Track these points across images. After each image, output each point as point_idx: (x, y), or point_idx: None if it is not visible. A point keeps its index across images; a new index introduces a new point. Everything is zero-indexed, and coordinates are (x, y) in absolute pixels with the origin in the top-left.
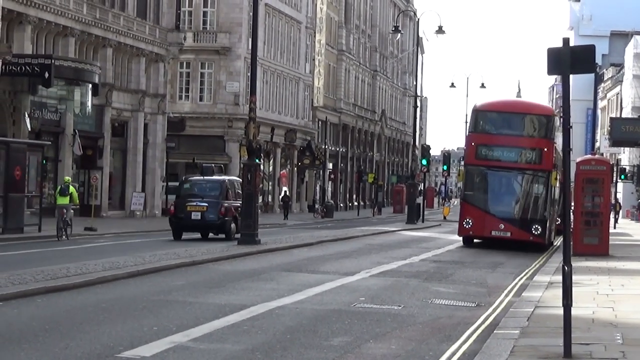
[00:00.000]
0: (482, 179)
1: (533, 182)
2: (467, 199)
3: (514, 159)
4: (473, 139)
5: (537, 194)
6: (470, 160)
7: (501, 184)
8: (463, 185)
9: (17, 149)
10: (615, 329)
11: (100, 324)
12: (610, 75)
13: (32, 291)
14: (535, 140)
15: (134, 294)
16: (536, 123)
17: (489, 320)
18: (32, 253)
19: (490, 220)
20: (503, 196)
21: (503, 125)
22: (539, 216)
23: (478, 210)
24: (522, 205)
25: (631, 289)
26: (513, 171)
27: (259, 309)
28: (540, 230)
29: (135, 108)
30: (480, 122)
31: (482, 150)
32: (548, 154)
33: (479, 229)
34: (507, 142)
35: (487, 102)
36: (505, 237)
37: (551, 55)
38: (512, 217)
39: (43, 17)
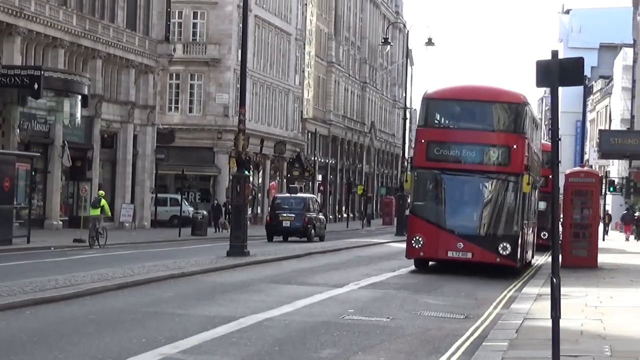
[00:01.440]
0: (435, 185)
1: (500, 188)
2: (417, 211)
3: (475, 159)
4: (423, 135)
5: (505, 203)
6: (419, 162)
7: (459, 192)
8: (411, 193)
9: (6, 161)
10: (603, 341)
11: (89, 335)
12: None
13: (20, 303)
14: (503, 135)
15: (122, 305)
16: (503, 113)
17: (477, 332)
18: (21, 265)
19: (445, 237)
20: (462, 207)
21: (461, 116)
22: (509, 231)
23: (430, 225)
24: (487, 218)
25: (620, 301)
26: (474, 175)
27: (247, 320)
28: (510, 249)
29: (125, 119)
30: (431, 113)
31: (435, 148)
32: (518, 153)
33: (432, 249)
34: (467, 138)
35: (441, 88)
36: (465, 258)
37: (540, 68)
38: (473, 233)
39: (32, 28)
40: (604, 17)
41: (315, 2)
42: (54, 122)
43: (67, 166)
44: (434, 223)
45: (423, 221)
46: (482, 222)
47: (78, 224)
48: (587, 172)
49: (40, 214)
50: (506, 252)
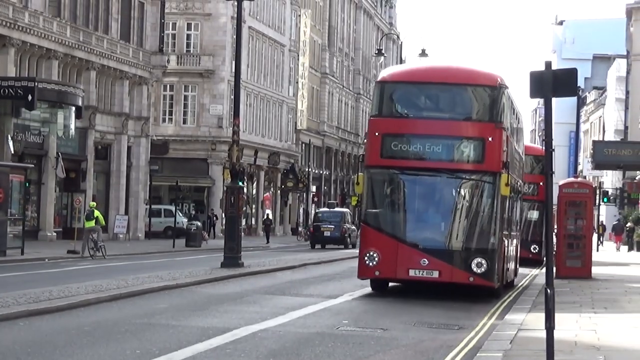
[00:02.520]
0: (393, 188)
1: (473, 190)
2: (370, 220)
3: (441, 155)
4: (377, 126)
5: (480, 209)
6: (373, 160)
7: (423, 196)
8: (364, 199)
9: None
10: (597, 352)
11: (83, 347)
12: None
13: (14, 314)
14: (475, 125)
15: (117, 317)
16: (475, 99)
17: (472, 343)
18: (15, 276)
19: (406, 253)
20: (426, 215)
21: (424, 103)
22: (484, 244)
23: (387, 237)
24: (457, 229)
25: (614, 311)
26: (441, 175)
27: (242, 332)
28: (486, 266)
29: (119, 131)
30: (387, 99)
31: (392, 143)
32: (494, 147)
33: (389, 268)
34: (431, 130)
35: (399, 68)
36: (430, 278)
37: (534, 79)
38: (441, 247)
39: (26, 39)
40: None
41: (308, 14)
42: (47, 134)
43: (61, 177)
44: (392, 235)
45: (378, 233)
46: (452, 233)
47: (72, 236)
48: (580, 182)
49: (34, 225)
50: (481, 270)
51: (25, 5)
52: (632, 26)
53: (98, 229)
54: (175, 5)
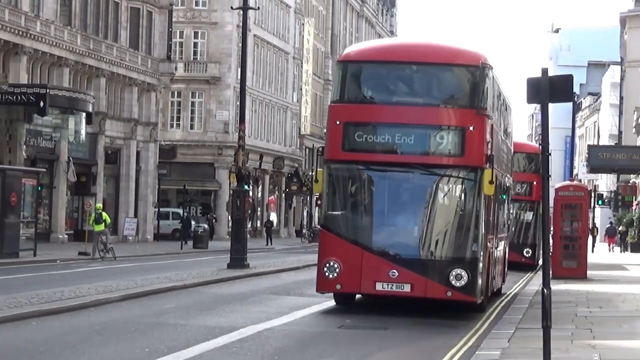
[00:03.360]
0: (357, 187)
1: (451, 189)
2: (331, 224)
3: (414, 147)
4: (338, 113)
5: (459, 211)
6: (334, 153)
7: (392, 196)
8: (323, 199)
9: (13, 176)
10: (593, 350)
11: (94, 346)
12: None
13: (27, 314)
14: (454, 112)
15: (126, 316)
16: (454, 81)
17: (471, 341)
18: (27, 277)
19: (373, 263)
20: (396, 218)
21: (393, 86)
22: (465, 252)
23: (350, 245)
24: (433, 234)
25: (609, 310)
26: (413, 171)
27: (247, 331)
28: (466, 277)
29: (128, 136)
30: (351, 82)
31: (356, 133)
32: (477, 137)
33: (353, 280)
34: (402, 117)
35: (365, 46)
36: (401, 293)
37: (531, 85)
38: (413, 256)
39: (38, 47)
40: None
41: (312, 22)
42: (59, 139)
43: (72, 181)
44: (356, 242)
45: (340, 239)
46: (426, 239)
47: (83, 238)
48: (576, 186)
49: (46, 227)
50: (461, 283)
51: (37, 14)
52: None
53: (107, 232)
54: (183, 14)
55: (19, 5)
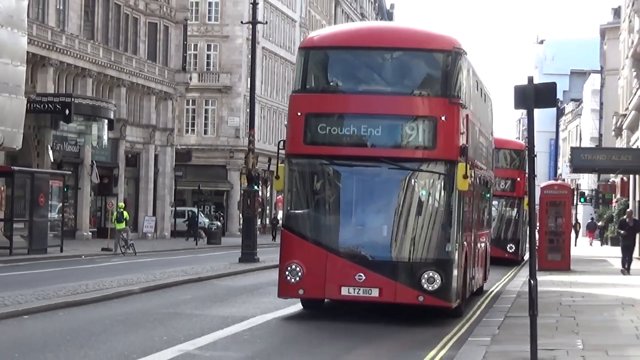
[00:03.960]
0: (321, 183)
1: (423, 185)
2: (293, 224)
3: (382, 140)
4: (300, 104)
5: (431, 208)
6: (295, 147)
7: (359, 193)
8: (285, 197)
9: (40, 178)
10: (576, 336)
11: (116, 334)
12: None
13: (54, 305)
14: (425, 101)
15: (146, 307)
16: (425, 67)
17: (463, 328)
18: (55, 271)
19: (338, 266)
20: (363, 217)
21: (359, 73)
22: (438, 253)
23: (314, 246)
24: (403, 234)
25: (590, 299)
26: (381, 165)
27: (258, 320)
28: (439, 280)
29: (147, 141)
30: (313, 70)
31: (319, 125)
32: (450, 128)
33: (317, 285)
34: (369, 107)
35: (328, 31)
36: (369, 298)
37: (517, 92)
38: (381, 257)
39: (64, 60)
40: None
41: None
42: (83, 144)
43: (96, 183)
44: (319, 243)
45: (302, 240)
46: (395, 239)
47: (106, 235)
48: (560, 185)
49: (71, 225)
50: (434, 286)
51: (62, 29)
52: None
53: (128, 230)
54: (197, 28)
55: (46, 21)
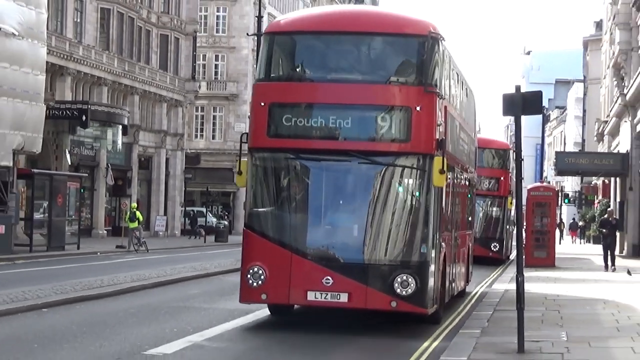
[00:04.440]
0: (286, 179)
1: (396, 181)
2: (255, 223)
3: (352, 132)
4: (263, 93)
5: (406, 207)
6: (258, 140)
7: (327, 190)
8: (247, 194)
9: (59, 180)
10: (560, 329)
11: (129, 326)
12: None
13: (72, 299)
14: (398, 90)
15: (157, 301)
16: (397, 53)
17: (455, 321)
18: (72, 267)
19: (303, 268)
20: (331, 216)
21: (327, 60)
22: (412, 254)
23: (277, 247)
24: (374, 234)
25: (574, 294)
26: (351, 160)
27: (262, 313)
28: (414, 284)
29: (158, 145)
30: (279, 57)
31: (284, 116)
32: (424, 119)
33: (281, 289)
34: (337, 97)
35: (294, 15)
36: (336, 303)
37: (506, 100)
38: (351, 259)
39: (81, 69)
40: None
41: None
42: (99, 148)
43: (110, 185)
44: (284, 244)
45: (266, 240)
46: (366, 240)
47: (120, 233)
48: (545, 187)
49: (88, 224)
50: (408, 291)
51: (79, 40)
52: (588, 55)
53: (140, 228)
54: (205, 40)
55: (64, 33)
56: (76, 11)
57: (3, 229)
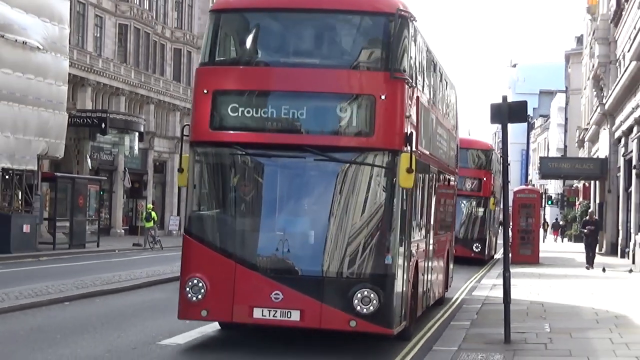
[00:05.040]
0: (231, 178)
1: (357, 181)
2: (196, 228)
3: (307, 125)
4: (207, 80)
5: (366, 213)
6: (200, 132)
7: (277, 192)
8: (188, 194)
9: (80, 183)
10: (544, 321)
11: (146, 318)
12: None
13: (91, 293)
14: (359, 76)
15: (171, 295)
16: (360, 34)
17: (447, 314)
18: (92, 264)
19: (249, 281)
20: (282, 221)
21: (280, 42)
22: (374, 266)
23: (220, 256)
24: (331, 242)
25: (556, 289)
26: (306, 156)
27: None
28: (376, 301)
29: (172, 151)
30: (224, 38)
31: (230, 106)
32: (389, 109)
33: (224, 305)
34: (291, 84)
35: None
36: (287, 322)
37: (493, 109)
38: (303, 272)
39: (100, 80)
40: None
41: None
42: (117, 153)
43: (128, 187)
44: (227, 253)
45: (207, 249)
46: (322, 250)
47: (136, 232)
48: (530, 189)
49: (107, 224)
50: (369, 309)
51: (99, 54)
52: (569, 68)
53: (155, 228)
54: None
55: (85, 47)
56: (96, 27)
57: (28, 228)
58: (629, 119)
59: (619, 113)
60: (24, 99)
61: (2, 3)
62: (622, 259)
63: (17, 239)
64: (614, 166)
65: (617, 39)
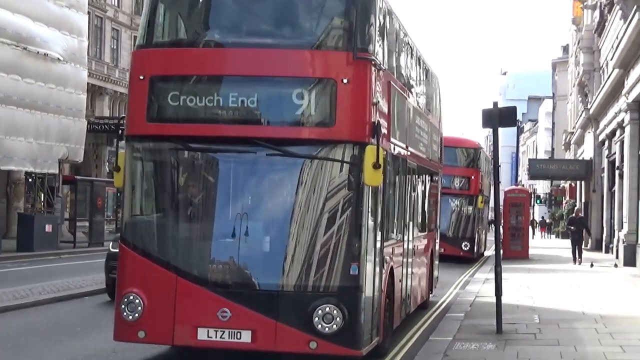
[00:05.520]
0: (173, 178)
1: (315, 182)
2: (132, 236)
3: (258, 115)
4: (144, 64)
5: (328, 217)
6: (136, 125)
7: (225, 192)
8: (124, 198)
9: (98, 186)
10: (533, 312)
11: None
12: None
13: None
14: (318, 56)
15: None
16: (319, 10)
17: (442, 306)
18: None
19: (193, 297)
20: (230, 226)
21: (227, 20)
22: (336, 278)
23: (159, 268)
24: (287, 251)
25: (545, 282)
26: (257, 151)
27: None
28: (339, 318)
29: None
30: (165, 17)
31: (170, 94)
32: (352, 96)
33: (163, 325)
34: (240, 67)
35: None
36: (237, 345)
37: (485, 114)
38: (255, 286)
39: (117, 89)
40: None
41: None
42: None
43: None
44: (168, 264)
45: (145, 260)
46: (277, 260)
47: None
48: (520, 189)
49: None
50: (332, 327)
51: (116, 64)
52: (556, 75)
53: None
54: None
55: (103, 58)
56: (113, 39)
57: (50, 227)
58: (612, 123)
59: (603, 117)
60: (45, 107)
61: (25, 17)
62: (607, 254)
63: (39, 238)
64: (598, 167)
65: (600, 48)
